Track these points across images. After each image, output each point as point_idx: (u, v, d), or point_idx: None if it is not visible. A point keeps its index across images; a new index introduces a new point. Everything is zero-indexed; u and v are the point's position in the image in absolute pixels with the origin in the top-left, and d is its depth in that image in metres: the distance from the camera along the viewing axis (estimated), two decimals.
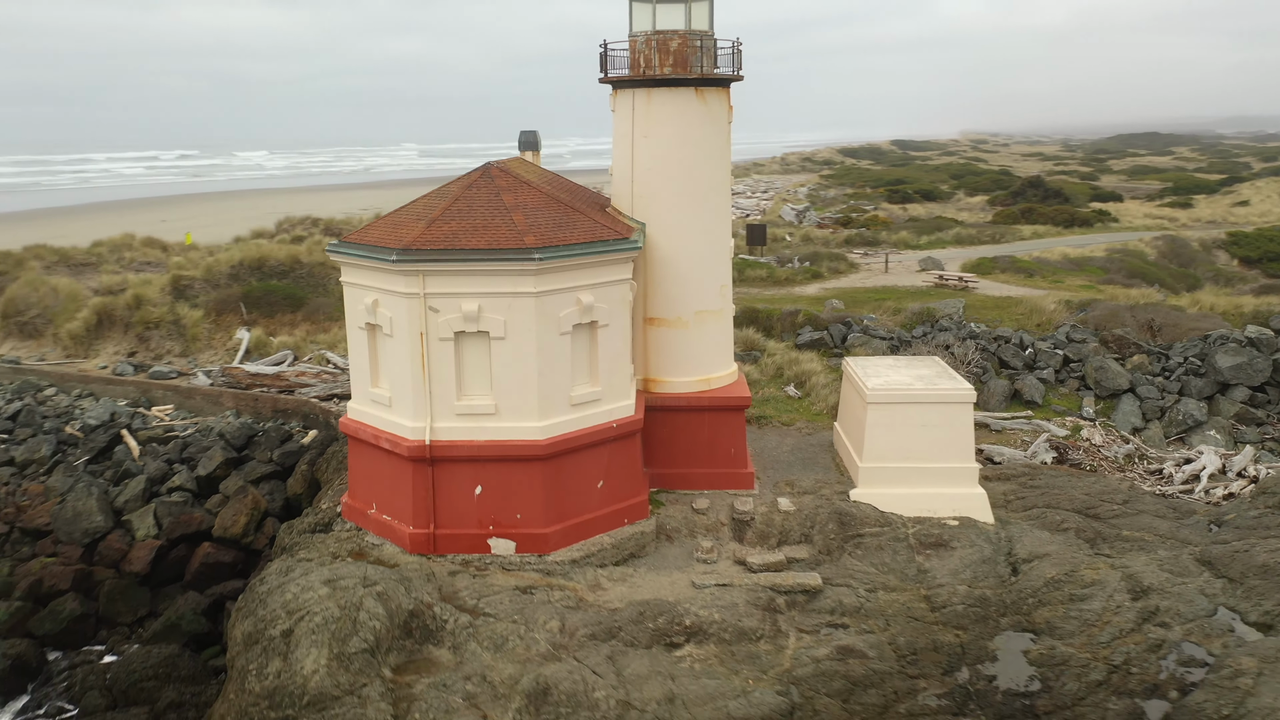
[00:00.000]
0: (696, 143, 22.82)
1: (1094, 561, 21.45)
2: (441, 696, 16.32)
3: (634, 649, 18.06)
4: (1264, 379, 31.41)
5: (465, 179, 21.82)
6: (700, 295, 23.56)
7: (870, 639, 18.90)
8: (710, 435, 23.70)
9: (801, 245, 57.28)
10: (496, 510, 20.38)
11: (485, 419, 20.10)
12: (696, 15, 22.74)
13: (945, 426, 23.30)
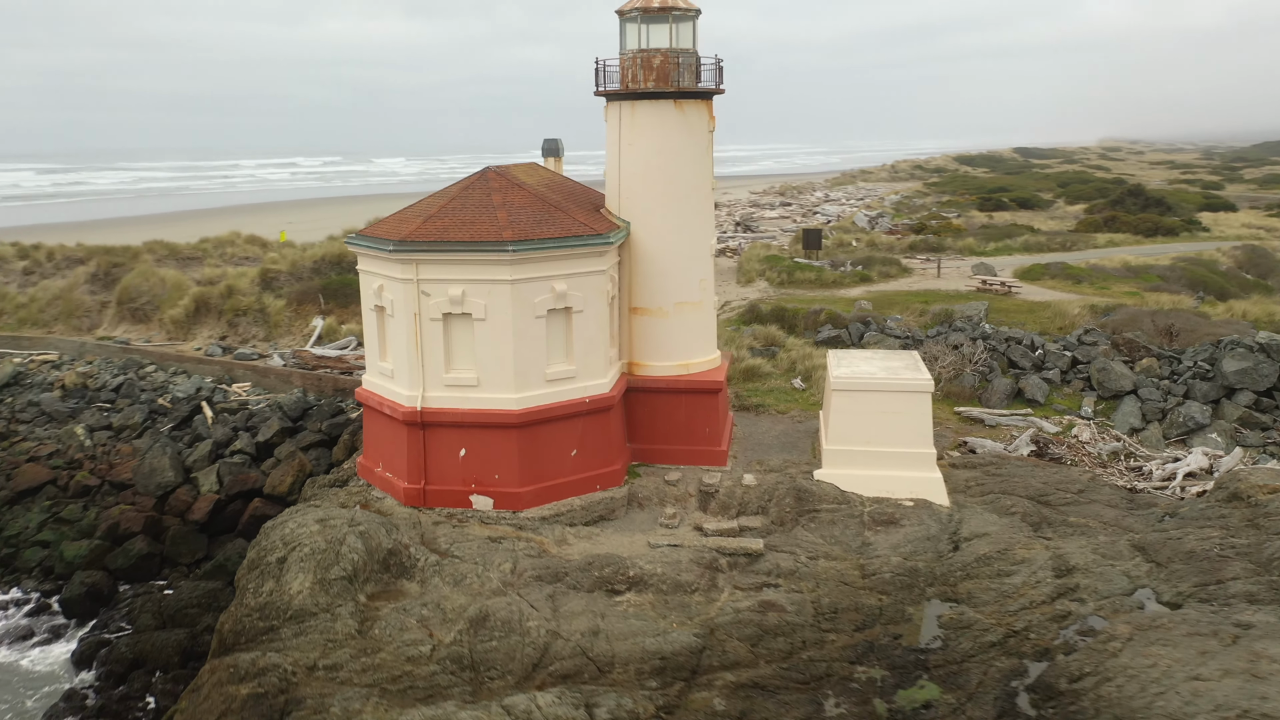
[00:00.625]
0: (676, 150, 25.23)
1: (1030, 542, 22.86)
2: (399, 617, 19.22)
3: (575, 591, 20.61)
4: (1270, 384, 31.64)
5: (465, 181, 24.86)
6: (680, 288, 25.93)
7: (794, 597, 20.91)
8: (687, 415, 26.03)
9: (861, 250, 58.51)
10: (477, 470, 23.26)
11: (469, 390, 23.02)
12: (679, 36, 25.16)
13: (905, 414, 24.99)
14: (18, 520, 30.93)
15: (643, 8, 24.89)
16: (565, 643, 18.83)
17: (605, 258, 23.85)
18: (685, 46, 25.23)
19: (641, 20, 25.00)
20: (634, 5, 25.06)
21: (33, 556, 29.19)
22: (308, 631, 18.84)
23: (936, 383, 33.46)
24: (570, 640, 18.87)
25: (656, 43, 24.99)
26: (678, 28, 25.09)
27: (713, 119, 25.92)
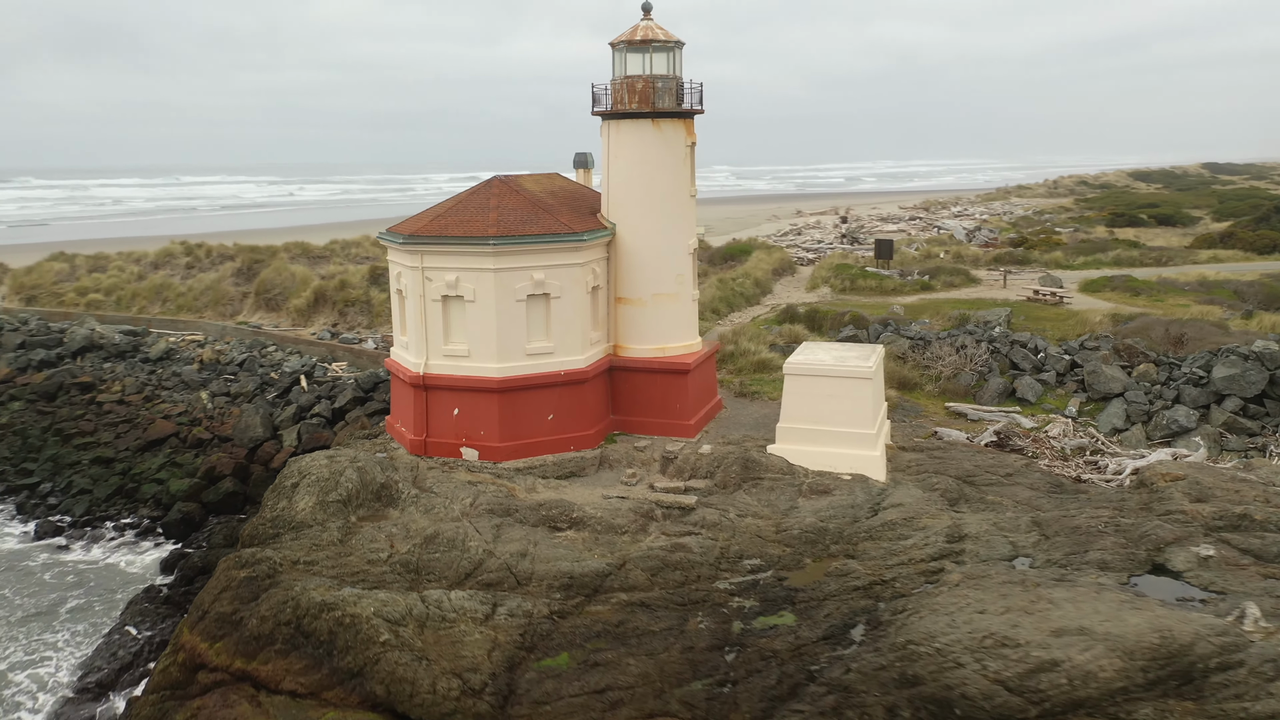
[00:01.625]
0: (654, 162, 29.20)
1: (938, 514, 25.48)
2: (373, 533, 24.06)
3: (521, 525, 24.88)
4: (1257, 391, 32.36)
5: (474, 188, 29.68)
6: (658, 281, 29.84)
7: (706, 543, 24.40)
8: (661, 392, 29.88)
9: (940, 261, 59.99)
10: (467, 427, 27.94)
11: (461, 359, 27.75)
12: (660, 64, 29.17)
13: (847, 397, 27.94)
14: (145, 463, 38.01)
15: (627, 40, 29.05)
16: (496, 560, 23.14)
17: (582, 253, 28.09)
18: (664, 73, 29.20)
19: (627, 50, 29.16)
20: (622, 38, 29.25)
21: (149, 490, 36.03)
22: (302, 538, 23.94)
23: (935, 380, 36.01)
24: (500, 559, 23.16)
25: (639, 70, 29.07)
26: (657, 57, 29.10)
27: (692, 135, 29.73)
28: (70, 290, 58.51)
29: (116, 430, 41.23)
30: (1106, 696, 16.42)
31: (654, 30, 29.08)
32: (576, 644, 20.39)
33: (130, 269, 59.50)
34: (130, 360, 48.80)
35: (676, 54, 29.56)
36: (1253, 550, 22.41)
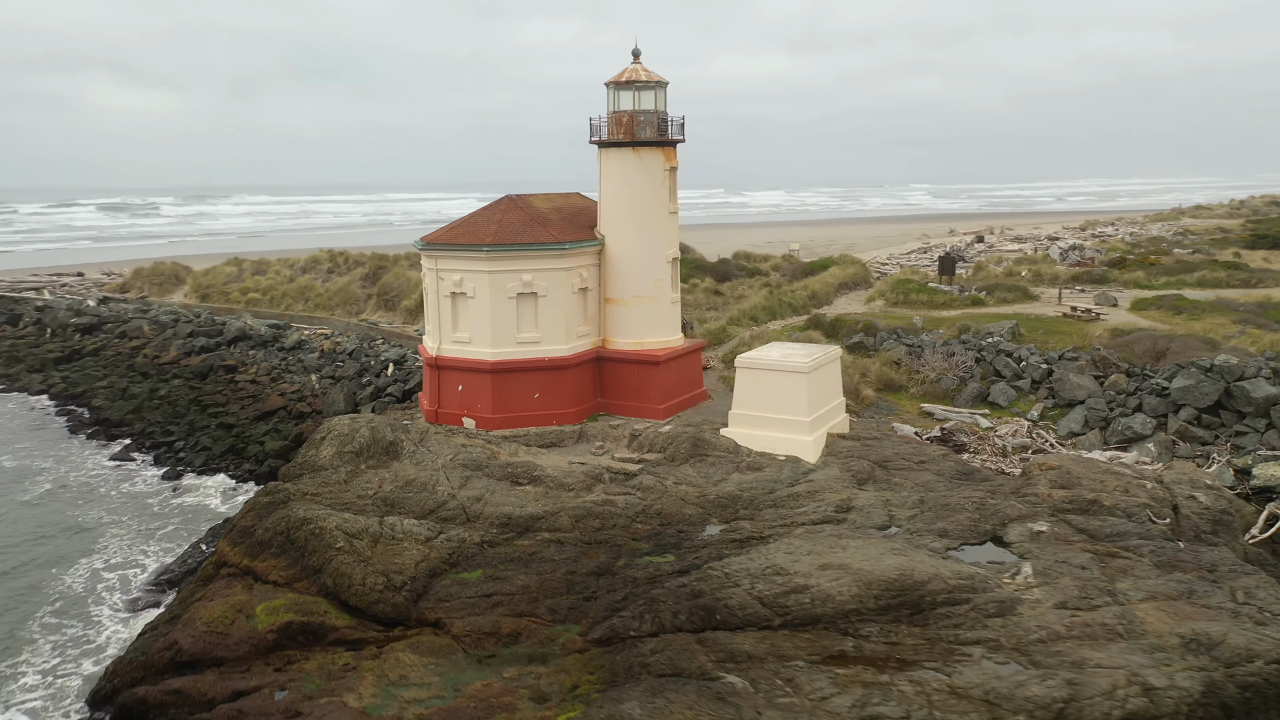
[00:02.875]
0: (635, 185, 34.33)
1: (841, 489, 29.26)
2: (371, 476, 30.28)
3: (488, 478, 30.48)
4: (1211, 401, 33.87)
5: (489, 204, 35.70)
6: (638, 285, 34.89)
7: (633, 501, 29.21)
8: (637, 379, 34.87)
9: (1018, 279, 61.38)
10: (468, 401, 33.92)
11: (464, 345, 33.77)
12: (644, 100, 34.31)
13: (786, 389, 32.02)
14: (255, 429, 46.22)
15: (616, 81, 34.37)
16: (455, 501, 28.87)
17: (566, 259, 33.57)
18: (648, 108, 34.32)
19: (616, 89, 34.47)
20: (613, 79, 34.60)
21: (252, 450, 44.06)
22: (317, 477, 30.50)
23: (920, 383, 39.33)
24: (459, 500, 28.87)
25: (626, 106, 34.32)
26: (643, 94, 34.26)
27: (671, 161, 34.67)
28: (235, 290, 69.11)
29: (242, 403, 49.93)
30: (840, 615, 20.38)
31: (639, 72, 34.27)
32: (491, 565, 25.82)
33: (284, 272, 69.54)
34: (269, 348, 57.94)
35: (660, 92, 34.61)
36: (1088, 530, 25.23)
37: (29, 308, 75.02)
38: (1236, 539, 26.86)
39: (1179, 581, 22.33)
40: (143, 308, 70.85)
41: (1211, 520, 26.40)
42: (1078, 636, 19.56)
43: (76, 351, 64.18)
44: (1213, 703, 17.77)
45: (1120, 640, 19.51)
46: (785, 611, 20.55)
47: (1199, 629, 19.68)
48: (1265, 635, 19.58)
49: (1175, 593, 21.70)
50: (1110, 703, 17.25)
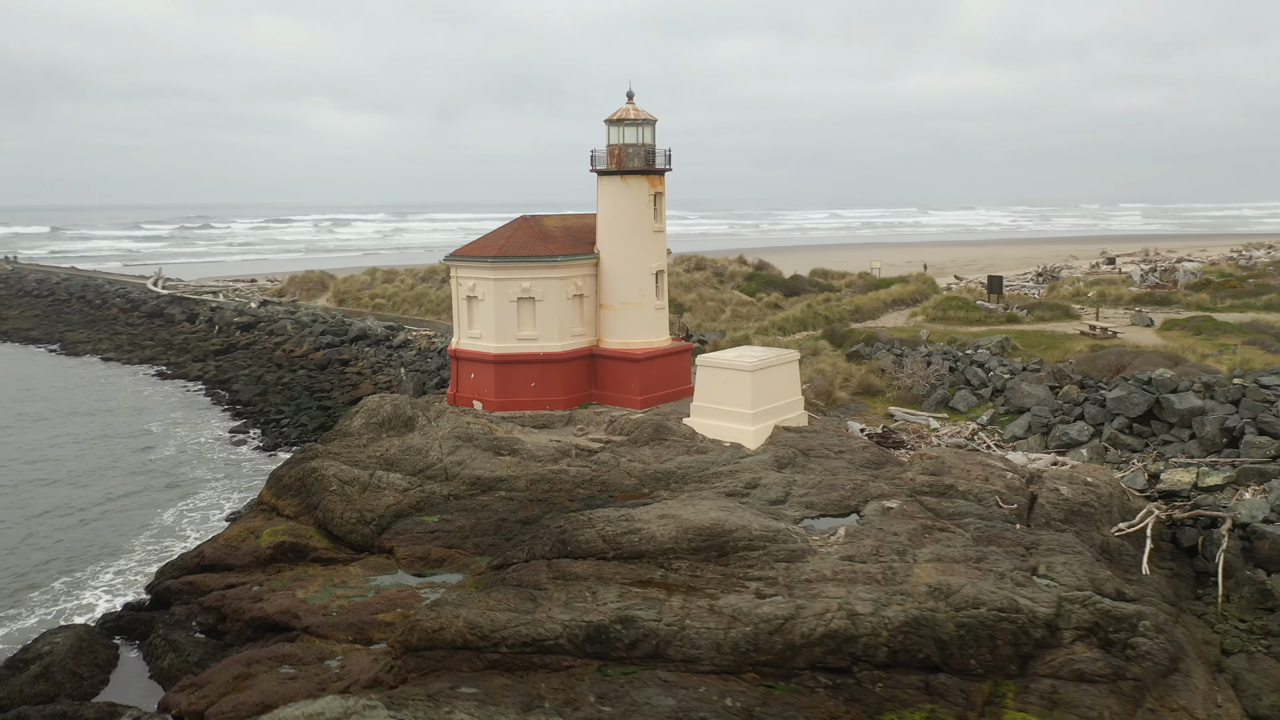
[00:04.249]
0: (622, 208, 40.14)
1: (758, 471, 33.95)
2: (385, 442, 37.33)
3: (475, 448, 36.93)
4: (1141, 411, 36.18)
5: (506, 224, 42.35)
6: (624, 293, 40.63)
7: (585, 471, 34.91)
8: (621, 374, 40.57)
9: (1078, 299, 62.67)
10: (477, 387, 40.61)
11: (476, 340, 40.50)
12: (632, 135, 40.12)
13: (733, 385, 36.92)
14: (345, 411, 54.71)
15: (611, 119, 40.34)
16: (441, 464, 35.49)
17: (560, 270, 39.76)
18: (635, 142, 40.11)
19: (612, 125, 40.44)
20: (609, 117, 40.59)
21: None
22: (344, 441, 37.90)
23: (897, 390, 43.29)
24: (444, 464, 35.48)
25: (617, 140, 40.25)
26: (629, 130, 40.09)
27: (655, 188, 40.26)
28: (366, 295, 79.14)
29: (344, 390, 58.80)
30: (660, 552, 25.52)
31: (629, 111, 40.15)
32: (448, 511, 32.25)
33: (407, 281, 79.02)
34: (380, 346, 66.98)
35: (647, 128, 40.33)
36: (935, 508, 29.16)
37: (205, 308, 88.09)
38: (1097, 529, 29.89)
39: (978, 551, 26.12)
40: (291, 309, 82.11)
41: (1065, 510, 29.65)
42: (839, 580, 23.98)
43: (233, 345, 75.67)
44: (917, 632, 21.89)
45: (874, 584, 23.79)
46: (619, 547, 25.89)
47: (947, 581, 23.68)
48: (1004, 592, 23.37)
49: (962, 557, 25.55)
50: (817, 621, 21.77)
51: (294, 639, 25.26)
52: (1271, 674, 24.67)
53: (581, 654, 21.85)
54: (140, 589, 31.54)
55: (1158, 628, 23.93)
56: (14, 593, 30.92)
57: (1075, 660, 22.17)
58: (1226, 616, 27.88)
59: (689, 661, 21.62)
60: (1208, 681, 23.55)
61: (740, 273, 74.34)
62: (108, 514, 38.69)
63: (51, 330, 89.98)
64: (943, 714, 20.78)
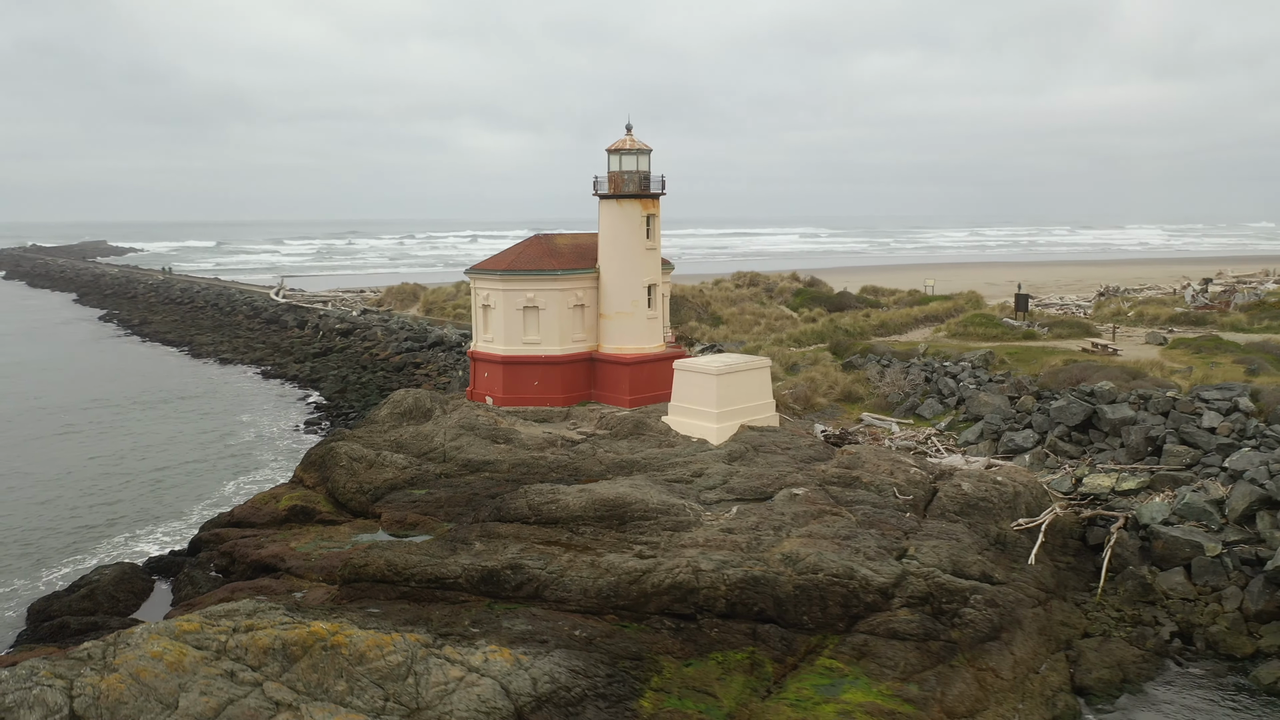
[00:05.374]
0: (617, 228, 44.99)
1: (708, 462, 38.09)
2: (403, 429, 43.24)
3: (474, 436, 42.33)
4: (1078, 421, 38.48)
5: (521, 241, 47.82)
6: (619, 304, 45.42)
7: (562, 458, 39.78)
8: (613, 376, 45.32)
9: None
10: (489, 384, 46.13)
11: (489, 343, 46.05)
12: (628, 163, 44.99)
13: (701, 387, 41.16)
14: None
15: (610, 148, 45.32)
16: (441, 448, 41.05)
17: (560, 282, 44.90)
18: (631, 169, 44.96)
19: (611, 154, 45.43)
20: (610, 147, 45.58)
21: None
22: (369, 426, 44.00)
23: (875, 397, 46.72)
24: (444, 447, 41.01)
25: (616, 167, 45.19)
26: (628, 159, 44.97)
27: (647, 210, 44.97)
28: (450, 305, 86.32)
29: (396, 381, 65.42)
30: (571, 519, 30.20)
31: (626, 142, 45.05)
32: (435, 487, 37.73)
33: None
34: (452, 351, 73.59)
35: (643, 157, 45.12)
36: (837, 496, 32.86)
37: (314, 316, 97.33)
38: (995, 522, 32.85)
39: (851, 531, 29.77)
40: (384, 318, 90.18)
41: (961, 504, 32.84)
42: (708, 545, 28.12)
43: (330, 349, 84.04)
44: (754, 589, 25.89)
45: (736, 550, 27.84)
46: (540, 514, 30.69)
47: (799, 551, 27.52)
48: (845, 562, 27.06)
49: (832, 535, 29.27)
50: (666, 574, 26.06)
51: (278, 577, 31.09)
52: (1113, 654, 27.53)
53: (476, 592, 26.79)
54: (184, 541, 38.18)
55: (989, 602, 27.18)
56: (85, 539, 38.05)
57: (894, 621, 25.71)
58: (1104, 605, 30.57)
59: (560, 602, 26.26)
60: (1032, 652, 26.65)
61: (790, 289, 77.84)
62: (178, 484, 45.92)
63: (185, 333, 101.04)
64: (761, 656, 24.73)
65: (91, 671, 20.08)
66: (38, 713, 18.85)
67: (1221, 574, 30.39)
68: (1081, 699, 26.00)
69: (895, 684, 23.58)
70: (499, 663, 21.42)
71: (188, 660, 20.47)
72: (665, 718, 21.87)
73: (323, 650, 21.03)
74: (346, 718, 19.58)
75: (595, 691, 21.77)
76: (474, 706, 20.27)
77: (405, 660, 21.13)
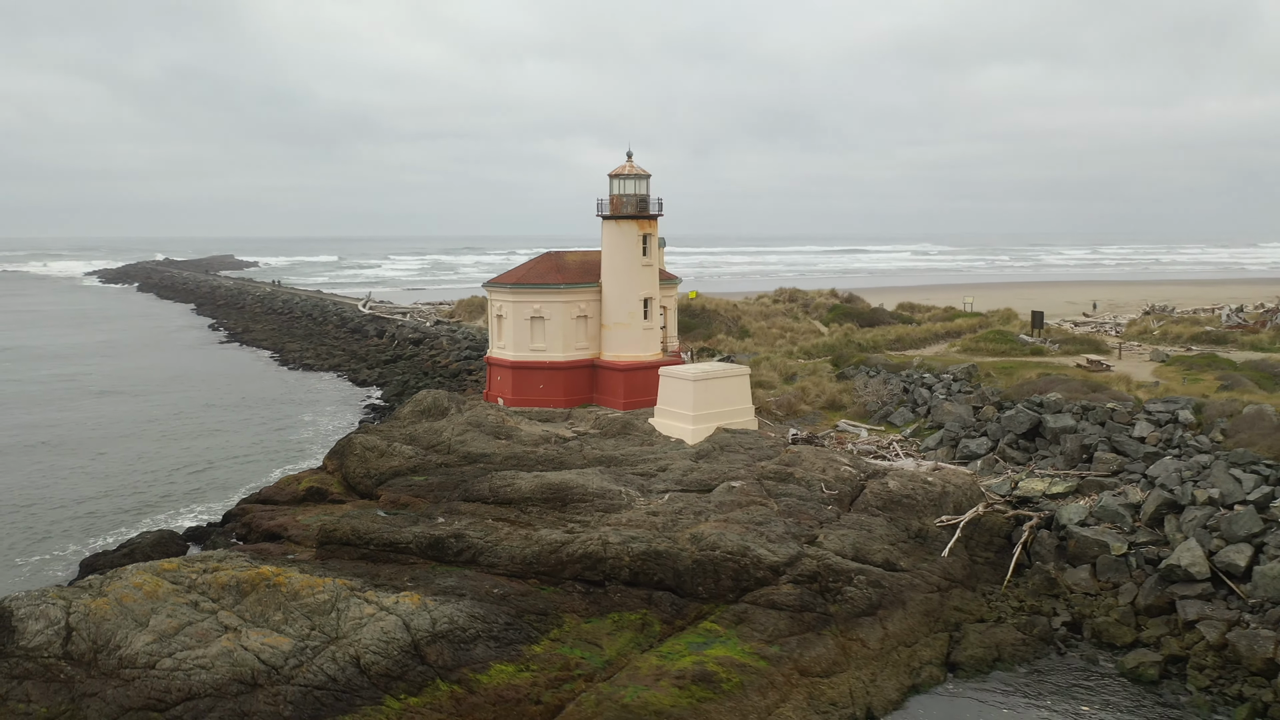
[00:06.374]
0: (617, 246, 49.34)
1: (675, 459, 41.89)
2: (419, 424, 48.41)
3: (479, 432, 47.15)
4: (1024, 430, 40.84)
5: (533, 258, 52.63)
6: (618, 315, 49.70)
7: (552, 451, 44.19)
8: (611, 381, 49.60)
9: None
10: (500, 387, 50.98)
11: (502, 350, 50.96)
12: (628, 187, 49.33)
13: (682, 392, 45.07)
14: None
15: (612, 173, 49.77)
16: (447, 441, 45.99)
17: (563, 295, 49.48)
18: (630, 193, 49.29)
19: (613, 178, 49.88)
20: (611, 172, 50.02)
21: None
22: (392, 422, 49.36)
23: (855, 405, 49.92)
24: (450, 441, 45.96)
25: (616, 191, 49.60)
26: (627, 183, 49.33)
27: (643, 230, 49.18)
28: None
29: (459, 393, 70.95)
30: (521, 499, 34.60)
31: (625, 168, 49.44)
32: (432, 474, 42.66)
33: None
34: None
35: (641, 181, 49.40)
36: (769, 489, 36.37)
37: (393, 326, 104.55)
38: (917, 517, 35.80)
39: (765, 517, 33.27)
40: (453, 328, 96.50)
41: (884, 500, 35.98)
42: (629, 525, 32.09)
43: (399, 356, 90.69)
44: (656, 561, 29.75)
45: (652, 529, 31.72)
46: (497, 495, 35.18)
47: (704, 531, 31.23)
48: (741, 542, 30.64)
49: (746, 520, 32.87)
50: (579, 545, 30.15)
51: (280, 542, 36.41)
52: (995, 637, 30.34)
53: (424, 556, 31.43)
54: (219, 515, 44.10)
55: (874, 584, 30.41)
56: (140, 510, 44.33)
57: (775, 594, 29.20)
58: (1008, 596, 33.25)
59: (490, 566, 30.65)
60: (909, 629, 29.75)
61: (826, 304, 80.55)
62: (230, 469, 52.19)
63: (278, 341, 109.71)
64: (652, 618, 28.57)
65: (87, 596, 25.46)
66: (41, 623, 24.26)
67: (1124, 571, 32.70)
68: (951, 672, 28.95)
69: (760, 645, 27.08)
70: (407, 605, 25.94)
71: (161, 591, 25.66)
72: (548, 659, 25.99)
73: (266, 588, 25.95)
74: (274, 639, 24.40)
75: (489, 634, 26.05)
76: (379, 637, 24.83)
77: (331, 599, 25.88)
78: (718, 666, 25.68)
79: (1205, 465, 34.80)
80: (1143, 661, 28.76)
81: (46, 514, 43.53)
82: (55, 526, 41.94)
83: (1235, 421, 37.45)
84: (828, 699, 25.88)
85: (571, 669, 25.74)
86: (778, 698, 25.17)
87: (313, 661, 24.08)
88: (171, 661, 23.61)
